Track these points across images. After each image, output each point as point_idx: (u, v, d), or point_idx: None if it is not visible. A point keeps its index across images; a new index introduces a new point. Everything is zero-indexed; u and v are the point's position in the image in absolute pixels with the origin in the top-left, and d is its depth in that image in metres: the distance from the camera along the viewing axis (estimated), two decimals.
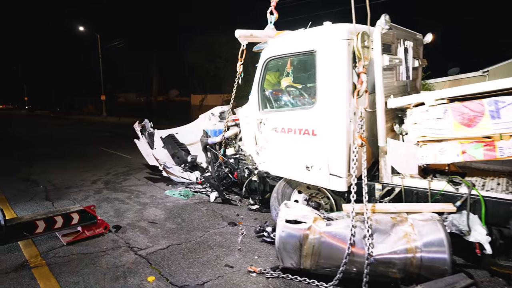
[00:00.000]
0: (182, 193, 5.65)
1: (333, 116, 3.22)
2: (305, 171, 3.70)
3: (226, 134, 5.43)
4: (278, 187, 4.08)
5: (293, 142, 3.66)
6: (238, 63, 4.80)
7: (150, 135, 6.67)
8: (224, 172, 5.53)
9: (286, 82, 4.23)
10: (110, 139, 14.03)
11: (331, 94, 3.18)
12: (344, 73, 3.08)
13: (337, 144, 3.28)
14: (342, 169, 3.33)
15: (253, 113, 4.05)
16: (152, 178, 6.72)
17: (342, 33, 3.04)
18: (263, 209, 4.91)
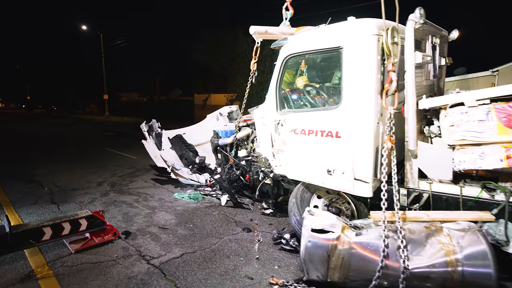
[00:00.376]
0: (192, 196, 5.46)
1: (360, 118, 3.01)
2: (326, 175, 3.50)
3: (237, 135, 5.23)
4: (296, 192, 3.87)
5: (314, 144, 3.46)
6: (252, 61, 4.61)
7: (157, 136, 6.47)
8: (235, 175, 5.33)
9: (302, 81, 4.02)
10: (113, 138, 13.86)
11: (359, 93, 2.97)
12: (373, 71, 2.87)
13: (363, 147, 3.07)
14: (368, 174, 3.12)
15: (270, 113, 3.84)
16: (160, 180, 6.52)
17: (372, 28, 2.83)
18: (277, 214, 4.71)
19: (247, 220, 4.46)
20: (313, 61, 3.37)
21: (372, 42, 2.82)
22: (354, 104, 3.02)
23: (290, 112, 3.67)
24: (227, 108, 7.44)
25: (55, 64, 41.40)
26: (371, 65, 2.86)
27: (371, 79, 2.89)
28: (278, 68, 3.61)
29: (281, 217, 4.63)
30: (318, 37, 3.20)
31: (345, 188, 3.38)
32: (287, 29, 4.65)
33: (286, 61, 3.51)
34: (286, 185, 4.58)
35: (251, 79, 4.74)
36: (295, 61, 3.52)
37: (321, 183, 3.58)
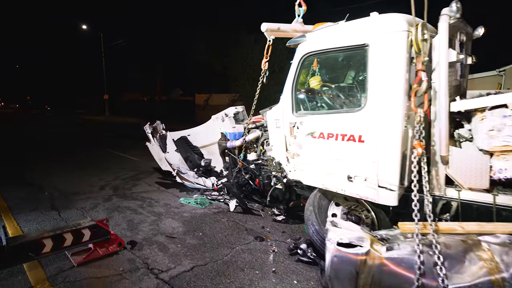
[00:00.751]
0: (199, 201, 5.22)
1: (387, 121, 2.78)
2: (346, 181, 3.27)
3: (247, 138, 5.01)
4: (313, 199, 3.64)
5: (334, 149, 3.23)
6: (263, 60, 4.38)
7: (161, 138, 6.24)
8: (244, 179, 5.10)
9: (315, 82, 3.80)
10: (114, 139, 13.62)
11: (386, 94, 2.74)
12: (402, 70, 2.64)
13: (390, 153, 2.84)
14: (394, 181, 2.89)
15: (285, 115, 3.61)
16: (164, 184, 6.29)
17: (401, 24, 2.60)
18: (290, 220, 4.49)
19: (258, 228, 4.23)
20: (334, 60, 3.14)
21: (402, 39, 2.58)
22: (381, 106, 2.78)
23: (307, 114, 3.43)
24: (233, 109, 7.22)
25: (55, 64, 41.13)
26: (400, 64, 2.63)
27: (399, 79, 2.66)
28: (294, 67, 3.37)
29: (294, 224, 4.41)
30: (340, 34, 2.97)
31: (367, 196, 3.15)
32: (300, 27, 4.43)
33: (304, 60, 3.28)
34: (299, 190, 4.35)
35: (262, 79, 4.52)
36: (313, 60, 3.29)
37: (341, 190, 3.35)
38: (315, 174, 3.55)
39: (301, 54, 3.27)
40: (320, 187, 3.56)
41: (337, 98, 3.35)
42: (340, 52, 3.03)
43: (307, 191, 4.25)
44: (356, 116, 2.97)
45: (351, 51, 2.93)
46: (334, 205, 3.65)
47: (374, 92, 2.80)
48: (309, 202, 3.65)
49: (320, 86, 3.78)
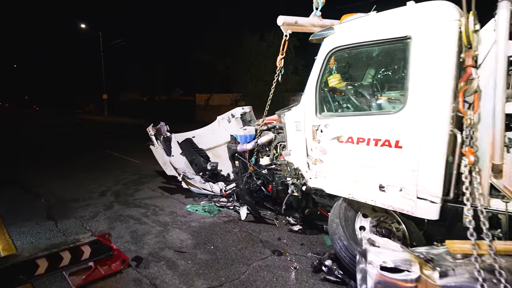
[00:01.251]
0: (207, 209, 4.86)
1: (432, 124, 2.43)
2: (377, 191, 2.92)
3: (259, 141, 4.65)
4: (338, 210, 3.28)
5: (364, 155, 2.87)
6: (279, 56, 4.03)
7: (165, 140, 5.87)
8: (256, 185, 4.75)
9: (335, 80, 3.45)
10: (114, 140, 13.23)
11: (431, 94, 2.39)
12: (452, 66, 2.29)
13: (433, 160, 2.49)
14: (437, 192, 2.55)
15: (307, 117, 3.25)
16: (168, 189, 5.93)
17: (452, 12, 2.25)
18: (307, 230, 4.14)
19: (274, 239, 3.87)
20: (366, 56, 2.78)
21: (452, 30, 2.23)
22: (424, 107, 2.43)
23: (334, 116, 3.08)
24: (240, 109, 6.88)
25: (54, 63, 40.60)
26: (449, 59, 2.28)
27: (448, 76, 2.31)
28: (319, 63, 3.01)
29: (312, 235, 4.06)
30: (376, 25, 2.61)
31: (403, 208, 2.80)
32: (318, 21, 4.08)
33: (331, 55, 2.92)
34: (318, 198, 4.00)
35: (277, 77, 4.17)
36: (342, 55, 2.93)
37: (370, 200, 3.00)
38: (340, 182, 3.20)
39: (328, 49, 2.91)
40: (346, 196, 3.21)
41: (369, 98, 3.00)
42: (375, 46, 2.67)
43: (327, 199, 3.90)
44: (393, 118, 2.62)
45: (388, 44, 2.58)
46: (362, 217, 3.30)
47: (417, 91, 2.44)
48: (333, 213, 3.29)
49: (345, 84, 3.43)
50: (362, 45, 2.71)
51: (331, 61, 4.76)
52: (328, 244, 3.78)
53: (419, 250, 2.56)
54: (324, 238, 3.95)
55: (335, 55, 2.92)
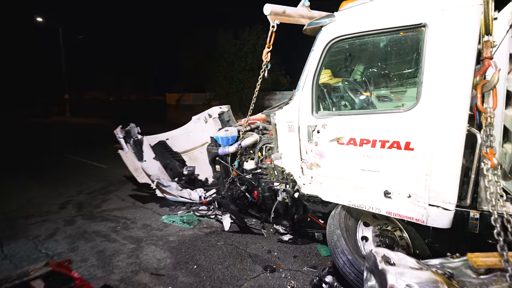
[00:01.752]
0: (185, 219, 4.37)
1: (448, 123, 2.17)
2: (382, 198, 2.64)
3: (243, 143, 4.24)
4: (338, 219, 2.96)
5: (368, 158, 2.58)
6: (264, 49, 3.65)
7: (136, 144, 5.27)
8: (240, 191, 4.33)
9: (325, 76, 3.15)
10: (76, 143, 12.11)
11: (448, 89, 2.12)
12: (473, 58, 2.04)
13: (449, 163, 2.24)
14: (452, 198, 2.30)
15: (301, 116, 2.90)
16: (140, 197, 5.33)
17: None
18: (298, 240, 3.80)
19: (264, 252, 3.49)
20: (372, 47, 2.47)
21: (474, 16, 1.97)
22: (440, 103, 2.16)
23: (333, 115, 2.75)
24: (217, 109, 6.43)
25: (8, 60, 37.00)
26: (470, 50, 2.02)
27: (467, 69, 2.05)
28: (316, 56, 2.67)
29: (303, 244, 3.73)
30: (385, 12, 2.30)
31: (411, 216, 2.53)
32: (306, 12, 3.76)
33: (330, 47, 2.58)
34: (310, 205, 3.67)
35: (263, 73, 3.78)
36: (343, 46, 2.59)
37: (374, 208, 2.72)
38: (339, 189, 2.89)
39: (327, 39, 2.57)
40: (345, 204, 2.90)
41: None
42: (383, 35, 2.36)
43: (321, 205, 3.59)
44: (403, 117, 2.33)
45: (400, 33, 2.28)
46: (363, 226, 3.01)
47: (431, 86, 2.17)
48: (333, 224, 2.96)
49: (340, 80, 3.13)
50: (368, 35, 2.40)
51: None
52: (323, 255, 3.47)
53: (433, 263, 2.30)
54: (317, 248, 3.64)
55: (336, 46, 2.58)
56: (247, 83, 14.14)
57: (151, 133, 5.88)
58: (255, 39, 14.01)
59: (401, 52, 2.37)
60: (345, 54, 2.80)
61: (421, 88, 2.21)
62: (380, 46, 2.42)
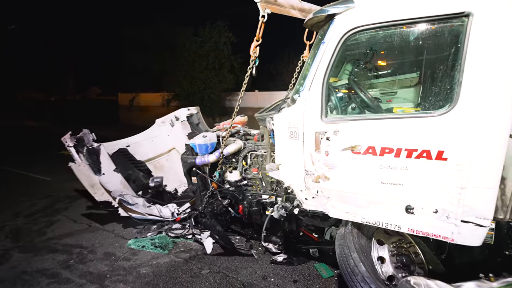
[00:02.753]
0: (157, 243, 3.68)
1: (492, 128, 1.88)
2: (403, 214, 2.32)
3: (225, 150, 3.68)
4: (351, 239, 2.57)
5: (390, 170, 2.23)
6: (253, 43, 3.16)
7: (91, 154, 4.38)
8: (222, 205, 3.77)
9: None
10: (10, 152, 10.32)
11: (493, 90, 1.83)
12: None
13: (488, 174, 1.96)
14: (488, 214, 2.04)
15: (307, 121, 2.46)
16: (97, 216, 4.47)
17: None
18: (293, 259, 3.37)
19: (259, 280, 2.99)
20: (400, 40, 2.10)
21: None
22: (482, 106, 1.86)
23: (347, 120, 2.35)
24: (185, 111, 5.80)
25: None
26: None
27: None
28: (330, 50, 2.24)
29: (300, 264, 3.31)
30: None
31: (439, 234, 2.24)
32: (297, 2, 3.38)
33: (347, 39, 2.17)
34: (307, 219, 3.27)
35: (251, 70, 3.28)
36: (364, 39, 2.20)
37: (393, 225, 2.38)
38: (350, 204, 2.51)
39: (345, 30, 2.15)
40: (358, 221, 2.53)
41: (400, 95, 2.35)
42: (414, 26, 2.01)
43: (319, 220, 3.21)
44: (436, 122, 2.01)
45: (436, 24, 1.94)
46: (377, 244, 2.67)
47: (473, 86, 1.86)
48: (346, 245, 2.57)
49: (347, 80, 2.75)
50: (395, 25, 2.03)
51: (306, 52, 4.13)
52: (325, 276, 3.08)
53: (468, 286, 2.03)
54: (317, 268, 3.24)
55: (354, 39, 2.18)
56: (209, 83, 13.44)
57: (103, 138, 5.01)
58: (217, 36, 13.38)
59: (435, 47, 2.05)
60: (365, 48, 2.42)
61: (460, 88, 1.90)
62: (410, 38, 2.08)
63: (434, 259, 2.78)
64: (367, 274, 2.32)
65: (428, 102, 2.07)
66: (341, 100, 2.57)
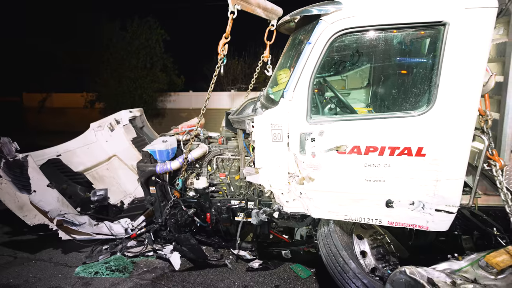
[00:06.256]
0: (113, 266, 3.19)
1: (461, 126, 2.13)
2: (383, 209, 2.48)
3: (190, 156, 3.39)
4: (336, 238, 2.61)
5: (374, 167, 2.34)
6: (221, 40, 2.99)
7: (15, 167, 3.52)
8: (187, 215, 3.47)
9: (286, 76, 2.81)
10: None
11: (464, 92, 2.07)
12: (485, 60, 2.03)
13: (458, 167, 2.22)
14: (457, 201, 2.31)
15: (292, 123, 2.41)
16: (21, 243, 3.65)
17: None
18: (269, 263, 3.30)
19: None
20: (384, 43, 2.19)
21: (492, 19, 1.95)
22: (456, 106, 2.09)
23: (333, 120, 2.38)
24: (127, 113, 5.27)
25: None
26: (485, 52, 2.01)
27: (481, 71, 2.04)
28: (317, 51, 2.22)
29: (276, 267, 3.27)
30: (404, 4, 2.05)
31: (415, 224, 2.45)
32: (262, 1, 3.35)
33: (334, 40, 2.18)
34: (282, 222, 3.24)
35: (219, 68, 3.10)
36: (350, 41, 2.23)
37: (374, 220, 2.52)
38: (333, 203, 2.57)
39: (332, 31, 2.16)
40: (341, 219, 2.60)
41: (383, 96, 2.46)
42: (399, 30, 2.12)
43: (294, 222, 3.20)
44: (416, 121, 2.17)
45: (417, 30, 2.09)
46: (357, 238, 2.78)
47: (449, 88, 2.07)
48: (332, 244, 2.59)
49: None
50: (383, 29, 2.12)
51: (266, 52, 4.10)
52: (304, 277, 3.10)
53: (442, 267, 2.26)
54: (293, 269, 3.24)
55: (341, 40, 2.20)
56: (140, 82, 12.42)
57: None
58: (148, 33, 12.44)
59: (415, 52, 2.21)
60: (351, 50, 2.47)
61: (437, 90, 2.09)
62: (393, 42, 2.19)
63: (400, 247, 3.04)
64: (358, 270, 2.39)
65: (408, 103, 2.22)
66: (329, 100, 2.59)
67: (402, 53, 2.22)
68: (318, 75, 2.57)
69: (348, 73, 3.01)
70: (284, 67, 2.86)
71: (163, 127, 12.02)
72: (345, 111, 2.54)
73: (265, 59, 4.08)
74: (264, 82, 8.93)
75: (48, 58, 14.10)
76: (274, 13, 3.56)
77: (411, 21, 2.04)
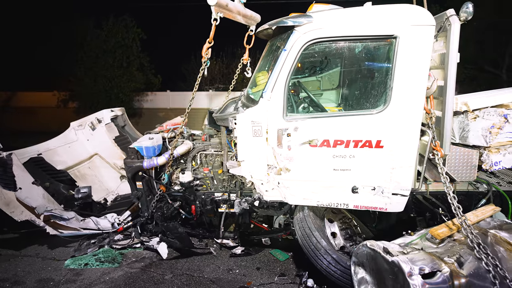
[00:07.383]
0: (102, 258, 3.35)
1: (412, 122, 2.54)
2: (349, 194, 2.85)
3: (176, 152, 3.62)
4: (310, 221, 2.96)
5: (341, 158, 2.71)
6: (205, 44, 3.24)
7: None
8: (173, 208, 3.69)
9: (264, 78, 3.16)
10: None
11: (412, 93, 2.48)
12: (427, 67, 2.45)
13: (410, 156, 2.63)
14: (409, 186, 2.73)
15: (270, 120, 2.73)
16: (8, 241, 3.70)
17: (431, 18, 2.38)
18: (250, 249, 3.60)
19: (224, 273, 3.11)
20: (348, 52, 2.57)
21: (431, 34, 2.38)
22: (406, 105, 2.50)
23: (305, 118, 2.72)
24: (108, 112, 5.37)
25: None
26: (428, 60, 2.43)
27: (425, 76, 2.46)
28: (292, 57, 2.55)
29: (258, 253, 3.57)
30: (363, 20, 2.42)
31: (376, 206, 2.85)
32: (242, 8, 3.64)
33: (306, 48, 2.53)
34: (262, 211, 3.55)
35: (203, 71, 3.36)
36: (319, 49, 2.59)
37: (342, 204, 2.89)
38: (307, 191, 2.91)
39: (304, 40, 2.50)
40: (313, 204, 2.96)
41: (348, 97, 2.83)
42: (360, 41, 2.50)
43: (273, 210, 3.53)
44: (375, 118, 2.57)
45: (374, 41, 2.48)
46: (328, 222, 3.15)
47: (400, 90, 2.48)
48: (306, 227, 2.94)
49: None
50: (347, 39, 2.49)
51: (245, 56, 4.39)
52: (282, 259, 3.42)
53: (398, 242, 2.66)
54: (272, 253, 3.56)
55: (312, 48, 2.55)
56: (117, 81, 12.27)
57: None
58: (124, 31, 12.30)
59: (374, 59, 2.60)
60: (320, 57, 2.82)
61: (391, 92, 2.49)
62: (355, 51, 2.57)
63: (365, 228, 3.45)
64: (328, 247, 2.76)
65: (369, 103, 2.61)
66: (302, 100, 2.93)
67: (363, 60, 2.60)
68: (293, 77, 2.91)
69: (319, 76, 3.38)
70: (263, 70, 3.16)
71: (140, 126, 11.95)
72: (316, 110, 2.89)
73: (245, 62, 4.38)
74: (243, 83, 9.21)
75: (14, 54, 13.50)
76: (253, 19, 3.86)
77: (369, 34, 2.43)
